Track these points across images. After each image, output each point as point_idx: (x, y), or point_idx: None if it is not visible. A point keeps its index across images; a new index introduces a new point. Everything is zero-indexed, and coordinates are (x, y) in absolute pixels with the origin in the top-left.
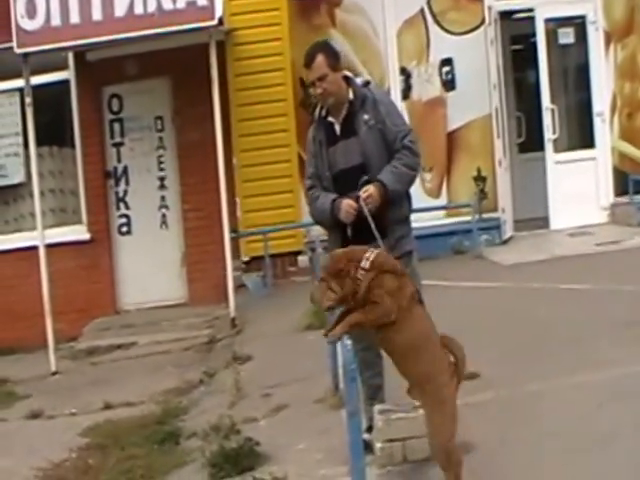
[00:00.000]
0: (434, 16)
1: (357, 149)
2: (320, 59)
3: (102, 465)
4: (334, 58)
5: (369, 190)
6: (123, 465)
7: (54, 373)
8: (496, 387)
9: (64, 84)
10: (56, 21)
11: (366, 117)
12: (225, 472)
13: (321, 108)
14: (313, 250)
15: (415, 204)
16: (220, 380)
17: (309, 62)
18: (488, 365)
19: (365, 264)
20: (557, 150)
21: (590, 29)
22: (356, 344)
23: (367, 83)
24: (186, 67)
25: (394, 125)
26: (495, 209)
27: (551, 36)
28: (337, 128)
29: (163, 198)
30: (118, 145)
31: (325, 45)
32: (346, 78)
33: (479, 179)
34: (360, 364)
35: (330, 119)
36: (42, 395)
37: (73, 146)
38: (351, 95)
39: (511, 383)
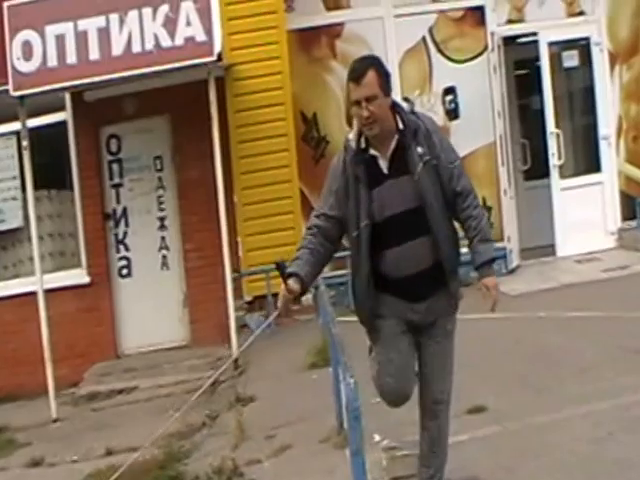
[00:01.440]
0: (436, 44)
1: (411, 190)
2: (372, 75)
3: None
4: (386, 79)
5: (491, 285)
6: None
7: (55, 420)
8: (503, 419)
9: (61, 125)
10: (53, 62)
11: (420, 151)
12: None
13: (359, 137)
14: (316, 288)
15: None
16: (223, 422)
17: (358, 77)
18: (495, 397)
19: None
20: (563, 176)
21: (595, 51)
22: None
23: (412, 109)
24: (185, 104)
25: (449, 162)
26: (501, 239)
27: (555, 60)
28: (383, 164)
29: (163, 239)
30: (117, 186)
31: (377, 61)
32: (393, 104)
33: (484, 209)
34: None
35: (373, 152)
36: (43, 442)
37: (72, 188)
38: (401, 124)
39: (518, 415)
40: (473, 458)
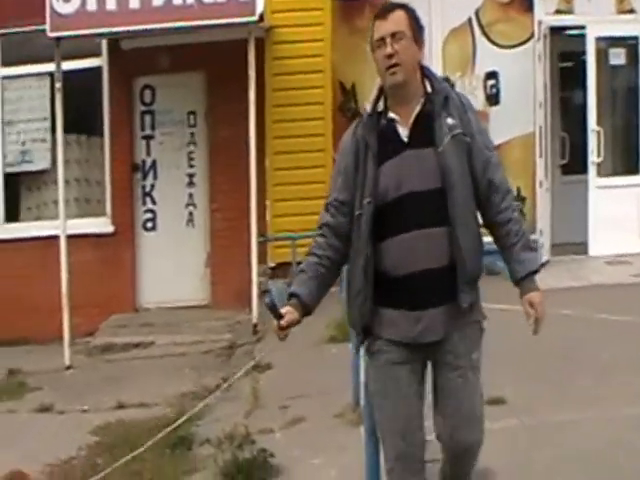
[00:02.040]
0: (482, 27)
1: (433, 166)
2: (401, 14)
3: (111, 466)
4: (418, 26)
5: (537, 301)
6: (132, 467)
7: (68, 367)
8: (521, 414)
9: (95, 71)
10: (92, 6)
11: (451, 122)
12: None
13: (377, 99)
14: None
15: None
16: (238, 388)
17: (385, 12)
18: (514, 390)
19: None
20: (600, 174)
21: None
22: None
23: (447, 80)
24: (222, 63)
25: (486, 146)
26: (533, 231)
27: (601, 56)
28: (403, 131)
29: (191, 196)
30: (148, 138)
31: (411, 8)
32: (421, 67)
33: (518, 199)
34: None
35: (392, 115)
36: (54, 389)
37: (101, 135)
38: (428, 87)
39: (537, 410)
40: (488, 450)
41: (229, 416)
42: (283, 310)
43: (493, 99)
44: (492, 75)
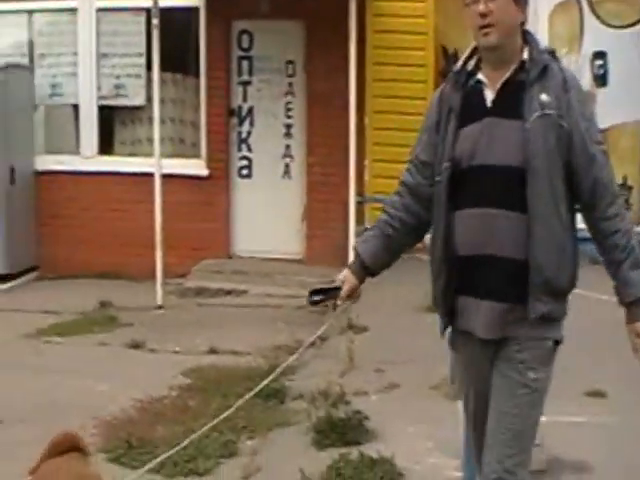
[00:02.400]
0: (590, 4)
1: (516, 142)
2: None
3: (202, 409)
4: None
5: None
6: (224, 413)
7: (159, 307)
8: (622, 409)
9: (193, 12)
10: None
11: (545, 99)
12: (330, 441)
13: (468, 58)
14: None
15: None
16: (332, 346)
17: None
18: (615, 384)
19: None
20: None
21: None
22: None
23: (552, 53)
24: (321, 14)
25: (592, 139)
26: (639, 223)
27: None
28: (488, 95)
29: (288, 147)
30: (245, 84)
31: None
32: (523, 32)
33: (624, 188)
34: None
35: (481, 77)
36: (144, 326)
37: (197, 77)
38: (525, 54)
39: (638, 407)
40: (587, 442)
41: (323, 374)
42: (340, 277)
43: (600, 80)
44: (600, 55)
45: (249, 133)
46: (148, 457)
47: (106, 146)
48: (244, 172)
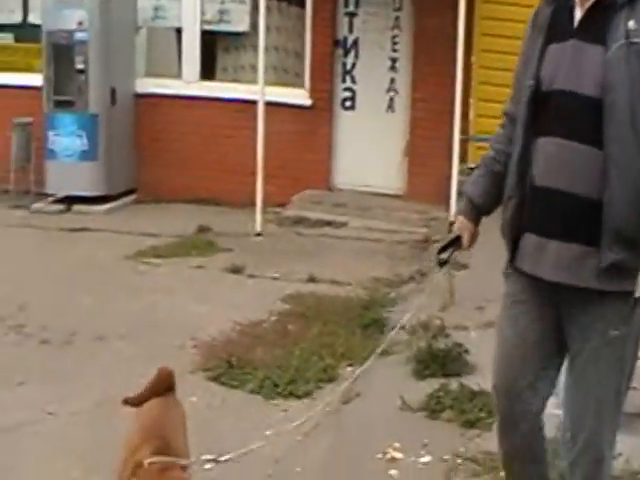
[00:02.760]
0: None
1: (597, 69)
2: None
3: (302, 334)
4: None
5: None
6: (324, 339)
7: (258, 234)
8: None
9: None
10: None
11: (632, 25)
12: (430, 371)
13: None
14: None
15: None
16: (432, 281)
17: None
18: None
19: None
20: None
21: None
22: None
23: None
24: None
25: None
26: None
27: None
28: (577, 15)
29: (392, 80)
30: (351, 15)
31: None
32: None
33: None
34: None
35: None
36: (244, 252)
37: (302, 6)
38: None
39: None
40: None
41: (423, 308)
42: (457, 226)
43: None
44: None
45: (354, 65)
46: (248, 377)
47: (208, 72)
48: (347, 104)
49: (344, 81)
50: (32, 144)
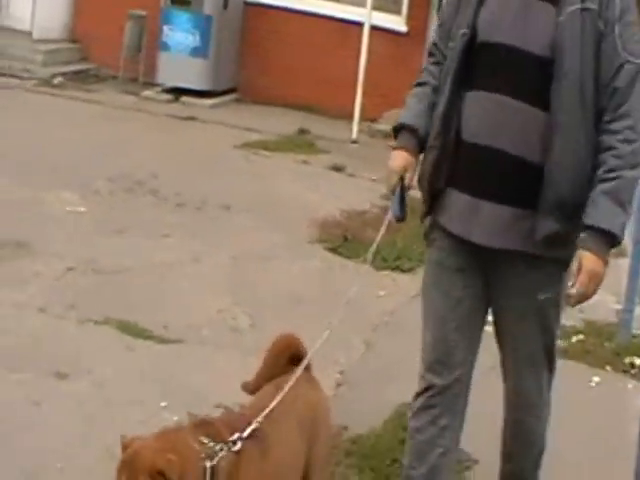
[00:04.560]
0: None
1: (547, 28)
2: None
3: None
4: None
5: (586, 266)
6: (421, 229)
7: (354, 141)
8: None
9: None
10: None
11: None
12: None
13: None
14: None
15: None
16: None
17: None
18: None
19: None
20: None
21: None
22: None
23: None
24: None
25: (625, 49)
26: None
27: None
28: None
29: None
30: None
31: None
32: None
33: None
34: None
35: None
36: (342, 155)
37: None
38: None
39: None
40: None
41: None
42: (393, 169)
43: None
44: None
45: None
46: (360, 251)
47: None
48: None
49: (439, 11)
50: (145, 36)
